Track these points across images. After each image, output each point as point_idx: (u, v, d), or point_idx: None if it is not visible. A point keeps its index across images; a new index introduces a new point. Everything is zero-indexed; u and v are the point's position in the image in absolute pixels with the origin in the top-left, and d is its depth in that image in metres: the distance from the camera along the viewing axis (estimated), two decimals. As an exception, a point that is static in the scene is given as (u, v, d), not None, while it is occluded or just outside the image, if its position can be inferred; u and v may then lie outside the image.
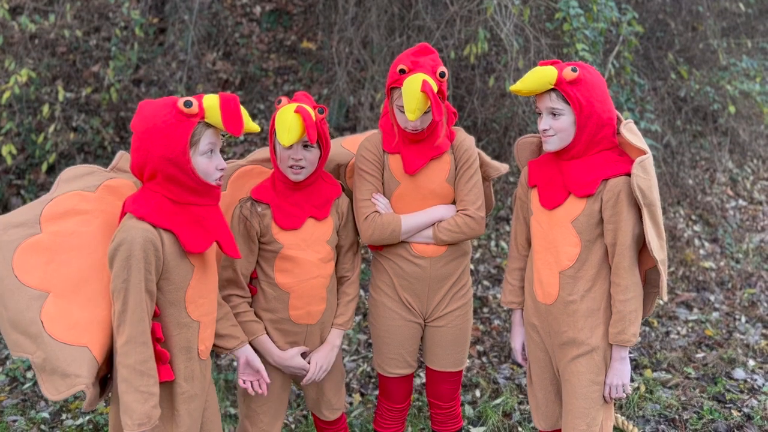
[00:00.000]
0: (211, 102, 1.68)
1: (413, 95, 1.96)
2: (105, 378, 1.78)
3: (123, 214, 1.73)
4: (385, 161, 2.18)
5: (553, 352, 2.10)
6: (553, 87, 1.93)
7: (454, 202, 2.22)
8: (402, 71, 2.03)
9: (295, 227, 2.06)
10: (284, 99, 1.99)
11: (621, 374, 2.01)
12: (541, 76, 1.93)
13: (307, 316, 2.11)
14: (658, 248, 1.91)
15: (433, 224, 2.16)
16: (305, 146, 2.01)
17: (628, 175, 1.91)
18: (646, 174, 1.88)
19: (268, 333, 2.11)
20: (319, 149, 2.06)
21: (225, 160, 1.86)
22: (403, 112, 2.06)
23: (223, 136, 2.73)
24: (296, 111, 1.91)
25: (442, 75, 2.06)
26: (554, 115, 1.95)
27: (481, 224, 2.17)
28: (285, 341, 2.13)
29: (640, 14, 4.91)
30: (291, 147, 1.99)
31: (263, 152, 2.22)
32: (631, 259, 1.93)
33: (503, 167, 2.32)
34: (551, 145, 1.99)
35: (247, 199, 2.07)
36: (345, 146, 2.35)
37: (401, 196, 2.17)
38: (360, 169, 2.18)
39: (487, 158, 2.28)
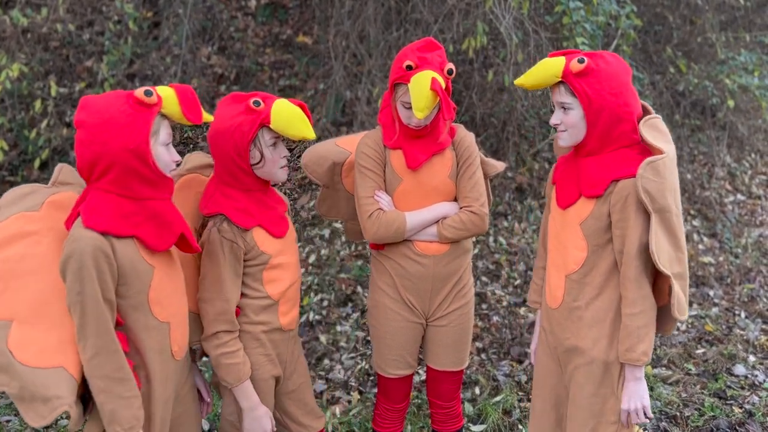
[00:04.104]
0: (168, 92, 1.65)
1: (422, 93, 1.91)
2: (83, 396, 1.71)
3: (73, 219, 1.65)
4: (386, 157, 2.14)
5: (558, 358, 2.02)
6: (561, 80, 1.82)
7: (455, 200, 2.18)
8: (409, 67, 1.98)
9: (287, 228, 2.00)
10: (261, 101, 1.86)
11: (637, 396, 1.84)
12: (546, 68, 1.83)
13: (293, 321, 2.05)
14: (673, 260, 1.76)
15: (438, 221, 2.13)
16: (283, 140, 1.94)
17: None
18: (657, 176, 1.71)
19: (264, 345, 1.99)
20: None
21: None
22: (408, 108, 2.02)
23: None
24: (296, 104, 1.86)
25: (450, 72, 2.01)
26: (565, 109, 1.84)
27: (485, 221, 2.13)
28: (277, 352, 2.03)
29: (639, 8, 4.88)
30: (278, 146, 1.91)
31: (198, 158, 2.04)
32: (637, 269, 1.78)
33: (500, 165, 2.28)
34: (563, 141, 1.89)
35: (221, 221, 1.88)
36: (340, 145, 2.30)
37: (403, 192, 2.13)
38: (361, 166, 2.13)
39: (484, 156, 2.26)
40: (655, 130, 1.81)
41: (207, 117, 1.72)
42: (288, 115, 1.83)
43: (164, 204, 1.70)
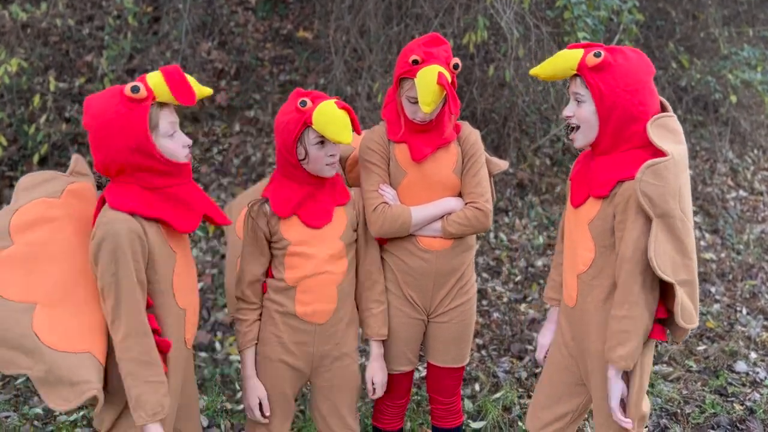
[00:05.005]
0: (156, 79, 1.63)
1: (429, 87, 1.91)
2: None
3: (99, 208, 1.69)
4: (391, 151, 2.14)
5: (573, 356, 2.00)
6: (577, 72, 1.79)
7: (459, 195, 2.17)
8: (415, 62, 1.98)
9: (327, 221, 2.02)
10: (308, 101, 1.91)
11: (614, 397, 1.83)
12: (562, 60, 1.79)
13: (315, 314, 2.03)
14: (678, 267, 1.71)
15: (443, 216, 2.12)
16: None
17: None
18: (658, 180, 1.65)
19: (277, 326, 2.04)
20: None
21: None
22: (414, 103, 2.03)
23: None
24: (340, 107, 1.88)
25: (456, 67, 2.01)
26: (578, 102, 1.81)
27: (489, 218, 2.12)
28: (294, 339, 2.04)
29: (641, 2, 4.86)
30: (325, 144, 1.94)
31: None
32: (628, 273, 1.73)
33: (503, 164, 2.28)
34: (577, 142, 1.84)
35: (255, 202, 2.03)
36: None
37: (408, 186, 2.13)
38: (365, 160, 2.13)
39: (488, 155, 2.25)
40: (665, 130, 1.74)
41: (204, 91, 1.70)
42: (328, 118, 1.85)
43: (184, 188, 1.72)
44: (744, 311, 4.03)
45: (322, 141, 1.92)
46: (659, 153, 1.72)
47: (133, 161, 1.62)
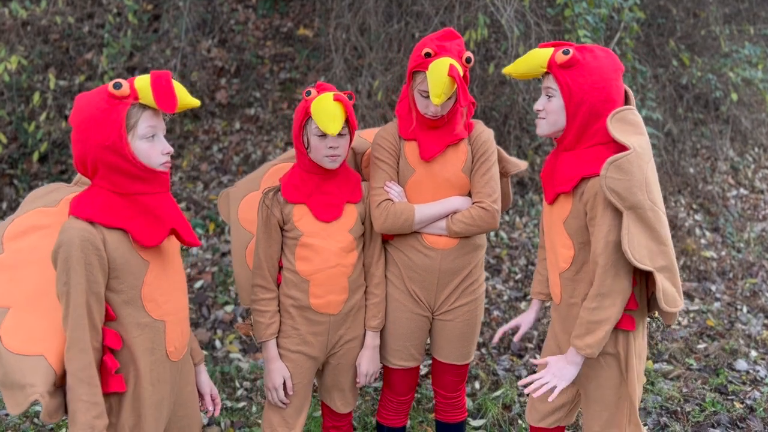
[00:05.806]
0: (143, 81, 1.59)
1: (440, 79, 1.92)
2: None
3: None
4: (401, 149, 2.15)
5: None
6: (547, 70, 1.84)
7: (468, 195, 2.18)
8: (427, 55, 2.00)
9: (337, 216, 2.06)
10: (313, 90, 1.99)
11: (557, 374, 1.86)
12: (533, 58, 1.85)
13: (328, 305, 2.09)
14: (655, 254, 1.75)
15: (448, 215, 2.13)
16: (340, 134, 2.01)
17: None
18: (622, 174, 1.69)
19: (294, 319, 2.10)
20: (348, 135, 2.06)
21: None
22: (426, 97, 2.04)
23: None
24: (336, 99, 1.93)
25: (468, 60, 2.03)
26: (549, 97, 1.86)
27: (496, 218, 2.12)
28: (310, 331, 2.10)
29: (642, 0, 4.84)
30: (326, 136, 1.98)
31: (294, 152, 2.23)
32: (602, 267, 1.77)
33: (522, 164, 2.28)
34: (540, 129, 1.91)
35: (270, 189, 2.10)
36: (362, 136, 2.35)
37: (416, 184, 2.14)
38: (375, 157, 2.15)
39: (505, 154, 2.26)
40: (624, 123, 1.79)
41: (191, 102, 1.66)
42: (319, 109, 1.91)
43: (157, 198, 1.66)
44: (744, 309, 4.03)
45: (324, 133, 1.97)
46: (623, 148, 1.77)
47: (105, 159, 1.58)
